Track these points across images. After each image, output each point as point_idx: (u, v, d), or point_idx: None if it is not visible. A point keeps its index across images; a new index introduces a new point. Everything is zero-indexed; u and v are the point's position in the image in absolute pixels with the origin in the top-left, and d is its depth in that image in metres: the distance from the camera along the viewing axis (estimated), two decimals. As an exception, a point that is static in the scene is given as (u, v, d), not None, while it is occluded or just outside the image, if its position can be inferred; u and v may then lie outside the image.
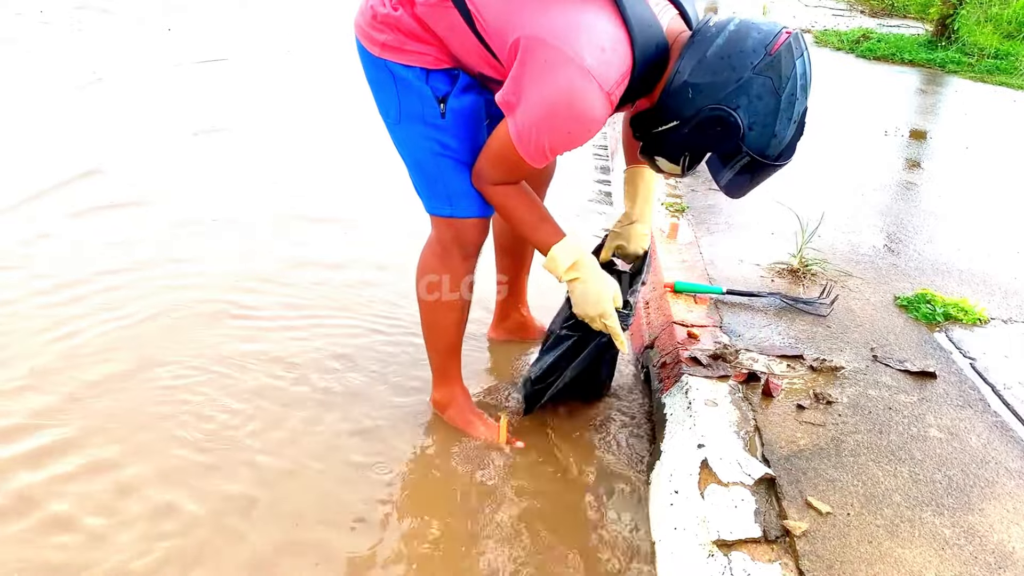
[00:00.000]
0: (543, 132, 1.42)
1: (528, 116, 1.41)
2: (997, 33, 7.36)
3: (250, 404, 1.90)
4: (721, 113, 1.37)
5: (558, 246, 1.59)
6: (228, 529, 1.55)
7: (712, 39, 1.38)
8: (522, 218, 1.60)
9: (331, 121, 4.13)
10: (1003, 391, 1.89)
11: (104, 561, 1.46)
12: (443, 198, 1.63)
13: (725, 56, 1.37)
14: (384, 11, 1.51)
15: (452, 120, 1.56)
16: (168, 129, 3.79)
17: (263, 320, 2.25)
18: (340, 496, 1.66)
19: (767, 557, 1.35)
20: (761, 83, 1.36)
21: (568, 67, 1.35)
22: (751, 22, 1.40)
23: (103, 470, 1.67)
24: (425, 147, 1.59)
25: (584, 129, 1.43)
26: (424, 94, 1.54)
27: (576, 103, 1.38)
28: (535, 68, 1.37)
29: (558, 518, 1.65)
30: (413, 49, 1.52)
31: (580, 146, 1.49)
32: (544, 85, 1.37)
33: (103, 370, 1.98)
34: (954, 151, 4.12)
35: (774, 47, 1.36)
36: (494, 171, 1.56)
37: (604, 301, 1.61)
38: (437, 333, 1.82)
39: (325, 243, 2.75)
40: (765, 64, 1.35)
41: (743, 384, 1.81)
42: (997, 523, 1.46)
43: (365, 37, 1.56)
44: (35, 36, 5.31)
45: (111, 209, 2.89)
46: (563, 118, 1.40)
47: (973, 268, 2.59)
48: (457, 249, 1.70)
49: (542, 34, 1.37)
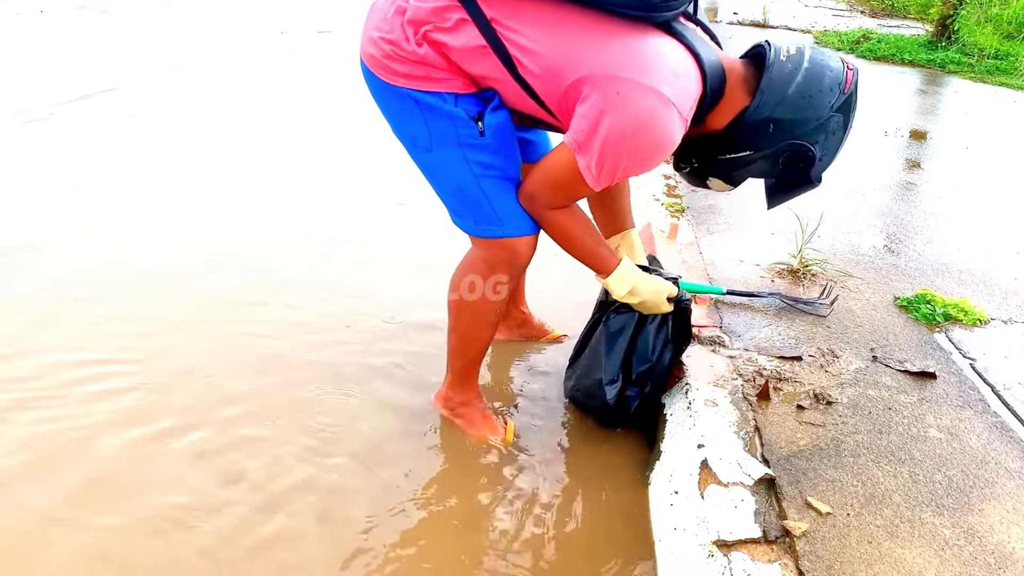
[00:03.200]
0: (620, 160, 1.42)
1: (605, 148, 1.40)
2: (997, 33, 7.36)
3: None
4: (801, 149, 1.47)
5: (615, 275, 1.64)
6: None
7: (791, 76, 1.45)
8: (580, 243, 1.61)
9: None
10: (1003, 391, 1.89)
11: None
12: (491, 219, 1.59)
13: (807, 96, 1.45)
14: (409, 48, 1.45)
15: (493, 136, 1.52)
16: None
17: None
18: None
19: (767, 557, 1.35)
20: (836, 120, 1.47)
21: (647, 97, 1.36)
22: (820, 57, 1.48)
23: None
24: (465, 171, 1.54)
25: (661, 155, 1.45)
26: (456, 116, 1.49)
27: (656, 131, 1.39)
28: (610, 102, 1.36)
29: (558, 518, 1.65)
30: (440, 77, 1.47)
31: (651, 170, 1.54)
32: (623, 116, 1.37)
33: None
34: (954, 151, 4.12)
35: (846, 86, 1.46)
36: (552, 196, 1.55)
37: (663, 306, 1.71)
38: (470, 344, 1.79)
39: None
40: (841, 103, 1.46)
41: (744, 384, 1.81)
42: (997, 523, 1.46)
43: (381, 68, 1.50)
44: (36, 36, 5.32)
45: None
46: (642, 147, 1.40)
47: (973, 268, 2.59)
48: (506, 268, 1.65)
49: (610, 70, 1.37)
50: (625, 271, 1.65)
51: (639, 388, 1.80)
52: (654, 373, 1.79)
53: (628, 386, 1.79)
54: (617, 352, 1.78)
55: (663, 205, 2.90)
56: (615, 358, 1.78)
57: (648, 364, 1.78)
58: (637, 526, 1.63)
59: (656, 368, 1.79)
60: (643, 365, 1.78)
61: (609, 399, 1.78)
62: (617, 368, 1.78)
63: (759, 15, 7.60)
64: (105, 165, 3.33)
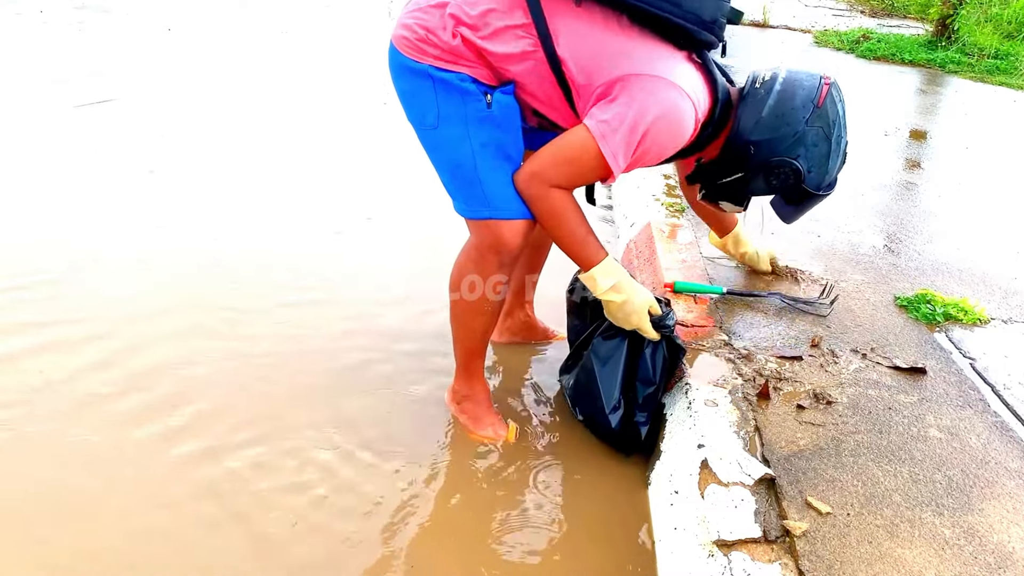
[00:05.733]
0: (645, 147, 1.51)
1: (631, 132, 1.48)
2: (997, 33, 7.35)
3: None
4: (784, 164, 1.62)
5: (600, 267, 1.64)
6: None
7: (764, 99, 1.61)
8: (571, 230, 1.62)
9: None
10: (1003, 391, 1.89)
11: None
12: (480, 200, 1.62)
13: (780, 115, 1.59)
14: (444, 38, 1.53)
15: (499, 111, 1.57)
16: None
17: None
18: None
19: (767, 557, 1.35)
20: (815, 133, 1.60)
21: (670, 89, 1.49)
22: (793, 78, 1.62)
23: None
24: (465, 148, 1.59)
25: (675, 144, 1.58)
26: (467, 90, 1.55)
27: (678, 120, 1.51)
28: (635, 94, 1.48)
29: (558, 517, 1.65)
30: (465, 64, 1.55)
31: (656, 164, 1.64)
32: (647, 104, 1.48)
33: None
34: (954, 151, 4.12)
35: (819, 100, 1.59)
36: (557, 172, 1.58)
37: (642, 317, 1.68)
38: (465, 332, 1.81)
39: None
40: (815, 116, 1.59)
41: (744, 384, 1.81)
42: (997, 523, 1.46)
43: (411, 48, 1.56)
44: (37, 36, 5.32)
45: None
46: (663, 133, 1.51)
47: (973, 268, 2.59)
48: (494, 255, 1.67)
49: (638, 70, 1.49)
50: (612, 265, 1.65)
51: (647, 412, 1.77)
52: (659, 395, 1.77)
53: (636, 411, 1.76)
54: (612, 378, 1.75)
55: (663, 205, 2.89)
56: (612, 385, 1.75)
57: (653, 386, 1.75)
58: (637, 526, 1.63)
59: (660, 390, 1.77)
60: (649, 388, 1.75)
61: (614, 426, 1.76)
62: (617, 394, 1.75)
63: (759, 15, 7.59)
64: (104, 164, 3.34)
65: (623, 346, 1.75)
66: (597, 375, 1.76)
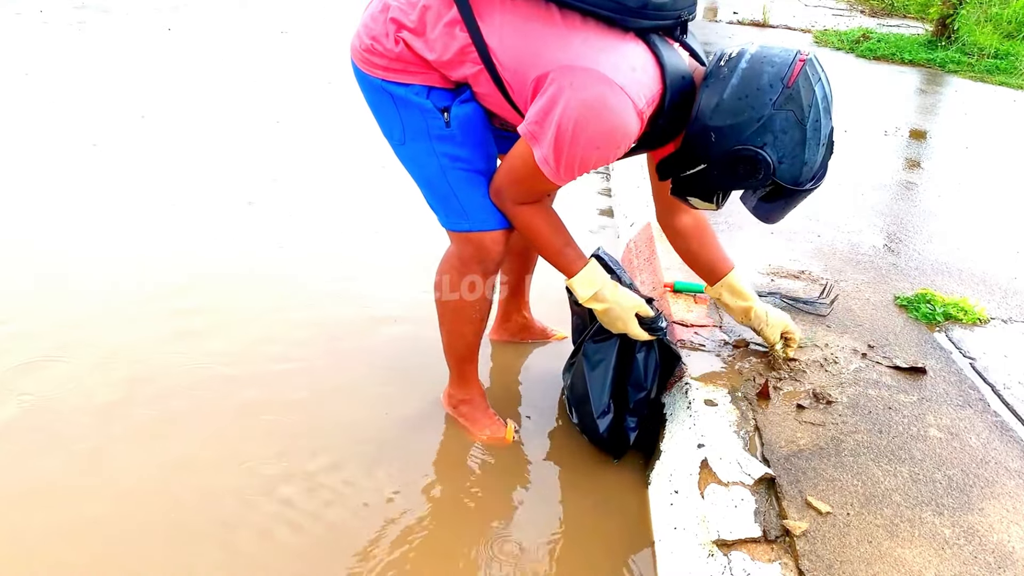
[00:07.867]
0: (574, 150, 1.39)
1: (558, 136, 1.38)
2: (997, 33, 7.35)
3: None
4: (748, 153, 1.37)
5: (580, 276, 1.61)
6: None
7: (727, 79, 1.37)
8: (547, 242, 1.59)
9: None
10: (1003, 391, 1.89)
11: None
12: (458, 213, 1.60)
13: (742, 96, 1.35)
14: (388, 45, 1.48)
15: (458, 128, 1.53)
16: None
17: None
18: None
19: (767, 557, 1.35)
20: (784, 117, 1.35)
21: (599, 84, 1.34)
22: (763, 54, 1.38)
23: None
24: (433, 163, 1.56)
25: (615, 145, 1.41)
26: (425, 107, 1.51)
27: (608, 117, 1.36)
28: (561, 91, 1.35)
29: (558, 517, 1.65)
30: (415, 71, 1.50)
31: (609, 163, 1.49)
32: (573, 103, 1.35)
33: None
34: (954, 151, 4.12)
35: (791, 79, 1.35)
36: (515, 190, 1.55)
37: (629, 322, 1.64)
38: (455, 339, 1.80)
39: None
40: (784, 98, 1.35)
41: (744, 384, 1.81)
42: (997, 523, 1.46)
43: (363, 61, 1.53)
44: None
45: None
46: (595, 134, 1.37)
47: (973, 268, 2.59)
48: (477, 264, 1.66)
49: (567, 62, 1.36)
50: (591, 274, 1.62)
51: (638, 417, 1.76)
52: (651, 400, 1.76)
53: (626, 416, 1.75)
54: (602, 382, 1.73)
55: (663, 205, 2.89)
56: (602, 389, 1.73)
57: (644, 392, 1.74)
58: (637, 526, 1.63)
59: (651, 395, 1.76)
60: (640, 393, 1.74)
61: (602, 432, 1.74)
62: (606, 399, 1.73)
63: (759, 15, 7.59)
64: (104, 166, 3.34)
65: (613, 350, 1.73)
66: (587, 379, 1.75)
